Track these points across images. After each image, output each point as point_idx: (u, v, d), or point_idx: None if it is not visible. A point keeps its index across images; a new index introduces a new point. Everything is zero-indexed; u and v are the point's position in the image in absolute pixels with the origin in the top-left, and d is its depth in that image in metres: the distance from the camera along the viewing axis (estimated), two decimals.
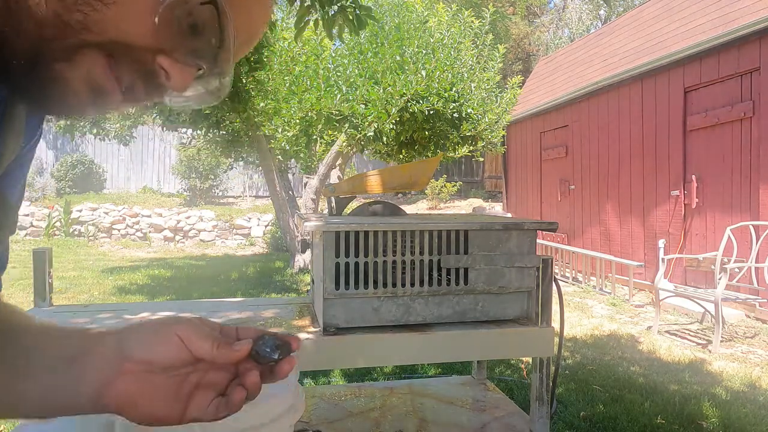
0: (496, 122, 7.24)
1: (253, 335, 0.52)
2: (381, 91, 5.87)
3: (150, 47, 0.42)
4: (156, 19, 0.41)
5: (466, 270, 1.05)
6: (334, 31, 2.68)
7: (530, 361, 1.11)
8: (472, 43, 7.14)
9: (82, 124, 8.15)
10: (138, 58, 0.43)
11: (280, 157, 8.72)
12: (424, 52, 6.21)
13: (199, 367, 0.50)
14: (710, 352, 4.34)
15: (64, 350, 0.49)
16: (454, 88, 6.39)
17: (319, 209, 7.84)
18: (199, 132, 7.81)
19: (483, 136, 7.24)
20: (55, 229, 11.71)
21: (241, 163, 11.54)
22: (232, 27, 0.44)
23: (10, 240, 0.60)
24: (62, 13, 0.39)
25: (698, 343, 4.63)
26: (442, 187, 13.76)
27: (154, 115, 7.59)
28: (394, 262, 1.02)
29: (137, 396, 0.48)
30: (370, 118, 5.78)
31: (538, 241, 1.10)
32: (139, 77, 0.44)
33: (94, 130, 8.40)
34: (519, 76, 8.63)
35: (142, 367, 0.48)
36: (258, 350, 0.50)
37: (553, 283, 1.09)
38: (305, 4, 2.59)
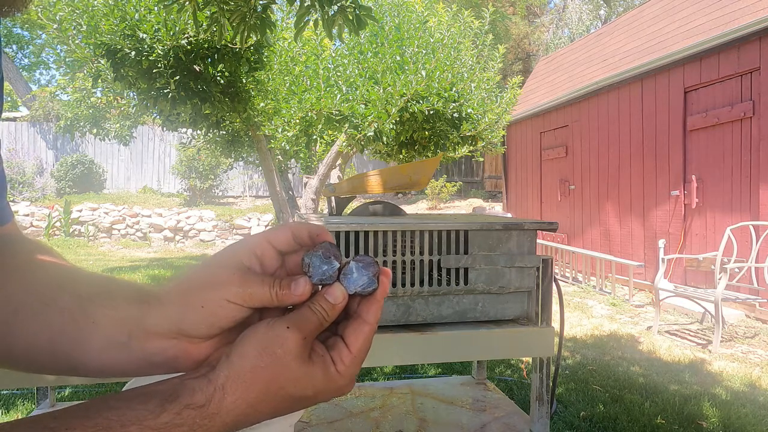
0: (496, 122, 7.24)
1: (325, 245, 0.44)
2: (381, 91, 5.87)
3: None
4: None
5: (466, 270, 1.05)
6: (334, 31, 2.68)
7: (530, 361, 1.11)
8: (472, 43, 7.14)
9: (82, 124, 8.15)
10: None
11: (280, 157, 8.72)
12: (424, 52, 6.21)
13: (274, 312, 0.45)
14: (710, 352, 4.34)
15: (118, 333, 0.45)
16: (454, 88, 6.39)
17: (319, 209, 7.84)
18: (199, 132, 7.82)
19: (483, 136, 7.24)
20: (55, 229, 11.71)
21: (241, 163, 11.54)
22: None
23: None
24: None
25: (698, 343, 4.63)
26: (442, 187, 13.77)
27: (155, 115, 7.59)
28: (394, 262, 1.02)
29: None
30: (370, 118, 5.78)
31: (538, 241, 1.10)
32: None
33: (94, 130, 8.40)
34: (519, 76, 8.63)
35: (206, 338, 0.44)
36: (348, 284, 0.43)
37: (553, 283, 1.09)
38: (305, 4, 2.58)
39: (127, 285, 0.48)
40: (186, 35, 4.61)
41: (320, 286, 0.44)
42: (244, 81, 6.09)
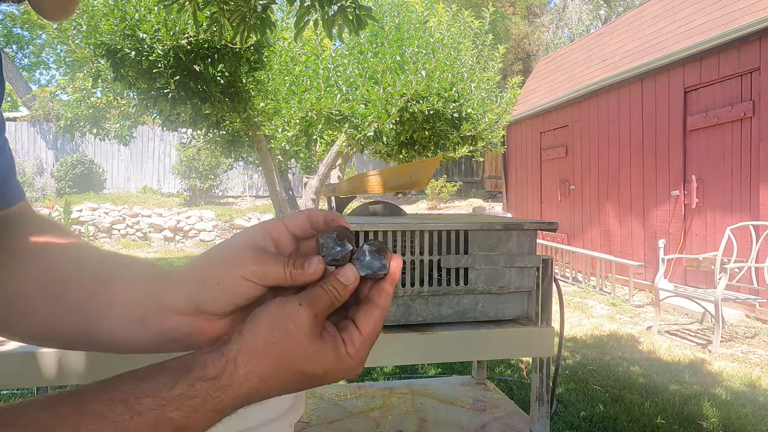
0: (496, 122, 7.24)
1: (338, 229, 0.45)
2: (381, 91, 5.87)
3: None
4: None
5: (466, 270, 1.05)
6: (334, 31, 2.68)
7: (530, 361, 1.11)
8: (472, 43, 7.14)
9: (82, 124, 8.15)
10: None
11: (280, 157, 8.72)
12: (424, 52, 6.21)
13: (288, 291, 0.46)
14: (710, 352, 4.34)
15: (135, 310, 0.46)
16: (454, 88, 6.39)
17: (319, 209, 7.84)
18: (199, 132, 7.81)
19: (483, 136, 7.24)
20: None
21: (241, 163, 11.54)
22: None
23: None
24: None
25: (698, 343, 4.63)
26: (442, 187, 13.76)
27: (155, 115, 7.59)
28: None
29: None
30: (370, 118, 5.78)
31: (538, 241, 1.10)
32: None
33: (94, 130, 8.40)
34: (519, 76, 8.63)
35: (222, 315, 0.45)
36: (360, 267, 0.44)
37: (553, 283, 1.09)
38: (305, 4, 2.59)
39: (144, 263, 0.50)
40: (186, 35, 4.61)
41: (333, 268, 0.45)
42: (244, 81, 6.10)
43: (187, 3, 2.54)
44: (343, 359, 0.43)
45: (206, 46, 4.82)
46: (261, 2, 2.74)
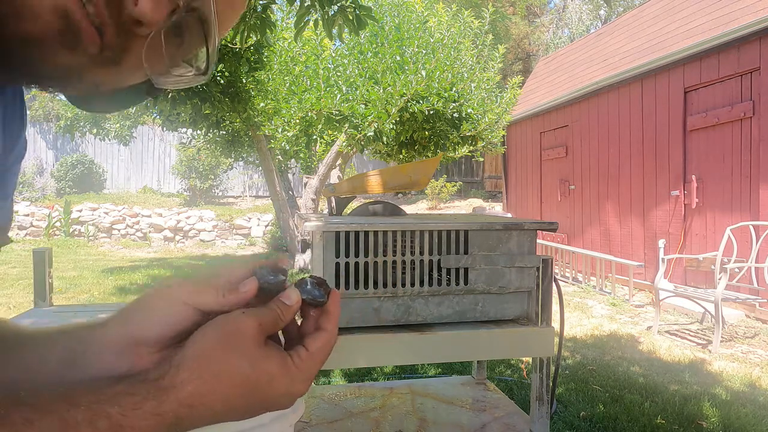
0: (496, 122, 7.25)
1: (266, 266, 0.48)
2: (381, 91, 5.87)
3: None
4: None
5: (466, 270, 1.05)
6: (334, 31, 2.68)
7: (530, 361, 1.11)
8: (472, 43, 7.15)
9: (82, 123, 8.15)
10: None
11: (280, 157, 8.72)
12: (424, 52, 6.21)
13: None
14: (710, 352, 4.34)
15: (62, 351, 0.46)
16: (454, 88, 6.40)
17: (319, 209, 7.84)
18: (199, 132, 7.82)
19: (483, 136, 7.24)
20: (55, 229, 11.71)
21: (241, 163, 11.54)
22: None
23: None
24: None
25: (698, 343, 4.63)
26: (442, 187, 13.77)
27: (155, 115, 7.59)
28: (394, 262, 1.02)
29: None
30: (370, 118, 5.78)
31: (538, 241, 1.10)
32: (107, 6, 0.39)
33: (94, 130, 8.40)
34: (519, 76, 8.64)
35: (158, 347, 0.45)
36: (302, 292, 0.47)
37: (553, 283, 1.09)
38: (305, 4, 2.59)
39: (69, 324, 0.49)
40: None
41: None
42: (244, 81, 6.10)
43: None
44: (289, 370, 0.44)
45: None
46: (261, 2, 2.74)
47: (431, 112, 6.29)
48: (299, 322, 0.49)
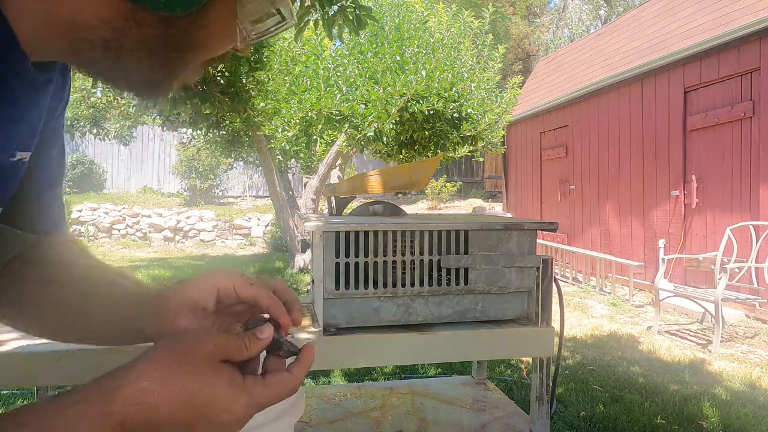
0: (496, 122, 7.25)
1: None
2: (381, 91, 5.87)
3: None
4: None
5: (466, 270, 1.05)
6: (334, 31, 2.68)
7: (530, 361, 1.11)
8: (472, 43, 7.15)
9: (82, 123, 8.15)
10: None
11: (280, 157, 8.72)
12: (424, 52, 6.21)
13: None
14: (710, 352, 4.34)
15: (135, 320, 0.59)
16: (454, 88, 6.39)
17: (319, 209, 7.84)
18: (199, 132, 7.81)
19: (483, 136, 7.24)
20: None
21: (241, 163, 11.54)
22: None
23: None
24: None
25: (698, 343, 4.63)
26: (442, 187, 13.77)
27: (155, 115, 7.59)
28: (394, 262, 1.02)
29: None
30: (370, 118, 5.78)
31: (538, 241, 1.10)
32: None
33: (94, 130, 8.40)
34: (519, 76, 8.63)
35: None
36: (280, 338, 0.52)
37: (554, 283, 1.09)
38: (305, 4, 2.59)
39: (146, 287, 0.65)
40: None
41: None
42: (244, 81, 6.09)
43: None
44: (234, 387, 0.45)
45: None
46: None
47: (431, 112, 6.29)
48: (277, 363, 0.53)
